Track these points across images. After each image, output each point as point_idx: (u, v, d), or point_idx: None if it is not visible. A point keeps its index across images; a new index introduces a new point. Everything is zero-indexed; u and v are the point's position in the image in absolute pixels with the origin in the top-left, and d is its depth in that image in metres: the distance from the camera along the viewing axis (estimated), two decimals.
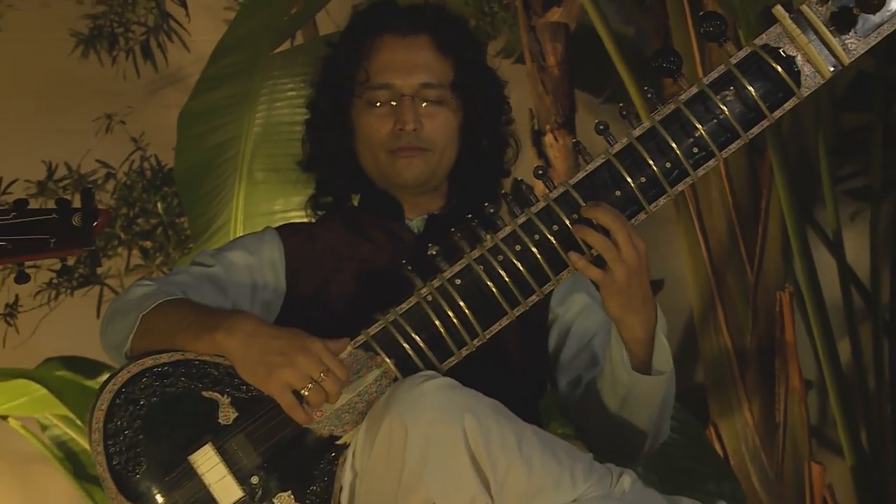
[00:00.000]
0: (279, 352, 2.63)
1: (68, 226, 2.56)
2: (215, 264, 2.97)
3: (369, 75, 2.96)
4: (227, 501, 2.67)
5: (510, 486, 2.54)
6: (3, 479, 5.20)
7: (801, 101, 2.65)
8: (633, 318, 2.66)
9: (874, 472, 4.51)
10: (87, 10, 5.03)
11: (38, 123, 5.14)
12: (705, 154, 2.72)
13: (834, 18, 2.62)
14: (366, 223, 3.04)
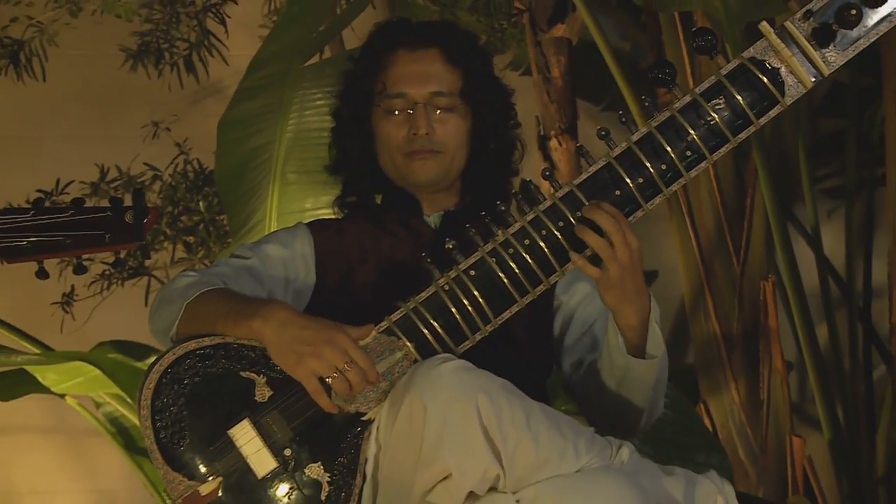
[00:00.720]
0: (308, 342, 2.65)
1: (121, 222, 2.56)
2: (252, 257, 2.99)
3: (386, 86, 2.98)
4: (262, 472, 2.68)
5: (519, 458, 2.54)
6: (61, 451, 5.20)
7: (784, 108, 2.65)
8: (627, 308, 2.68)
9: (849, 445, 4.49)
10: (135, 28, 5.03)
11: (91, 130, 5.14)
12: (697, 157, 2.73)
13: (815, 34, 2.63)
14: (387, 219, 3.05)
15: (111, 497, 5.13)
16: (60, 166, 4.46)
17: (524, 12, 4.64)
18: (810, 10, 2.62)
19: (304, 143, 4.24)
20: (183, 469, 2.70)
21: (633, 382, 2.79)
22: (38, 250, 2.55)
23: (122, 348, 4.50)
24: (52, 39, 4.93)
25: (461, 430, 2.52)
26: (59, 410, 4.94)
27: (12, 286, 4.75)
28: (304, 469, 2.69)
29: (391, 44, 3.04)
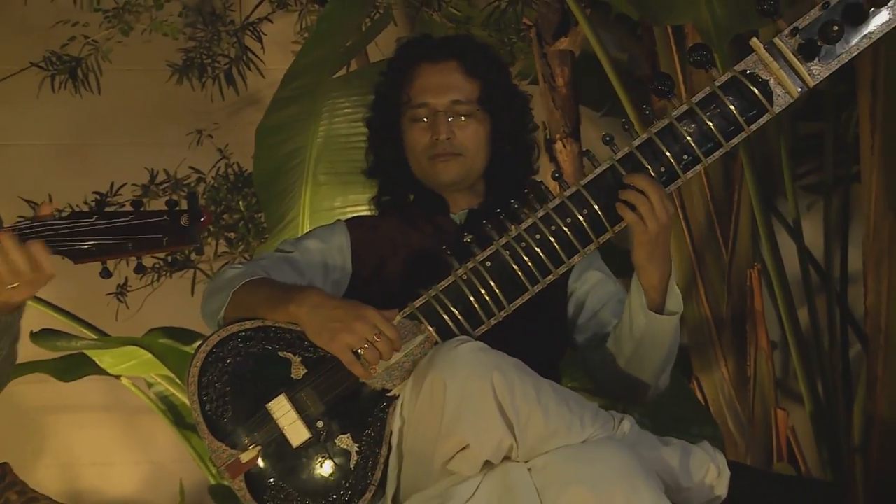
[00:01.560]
0: (339, 319, 2.66)
1: (177, 226, 2.54)
2: (294, 250, 3.03)
3: (411, 97, 3.00)
4: (297, 441, 2.71)
5: (531, 430, 2.55)
6: (118, 427, 5.21)
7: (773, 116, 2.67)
8: (652, 267, 2.71)
9: (829, 416, 4.48)
10: (181, 45, 5.04)
11: (142, 138, 5.15)
12: (693, 160, 2.77)
13: (801, 49, 2.65)
14: (417, 217, 3.08)
15: (162, 468, 5.13)
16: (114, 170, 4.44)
17: (531, 27, 4.63)
18: (797, 28, 2.64)
19: (333, 147, 4.24)
20: (226, 439, 2.73)
21: (650, 343, 2.81)
22: (101, 252, 2.54)
23: (171, 334, 4.50)
24: (106, 56, 4.93)
25: (478, 405, 2.53)
26: (115, 390, 4.95)
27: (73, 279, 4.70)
28: (334, 440, 2.72)
29: (415, 58, 3.06)
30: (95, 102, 4.98)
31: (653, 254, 2.71)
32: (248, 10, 5.14)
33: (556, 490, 2.50)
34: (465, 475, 2.58)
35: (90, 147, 5.13)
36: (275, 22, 5.12)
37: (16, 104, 5.03)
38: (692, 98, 2.70)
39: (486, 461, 2.56)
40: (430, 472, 2.63)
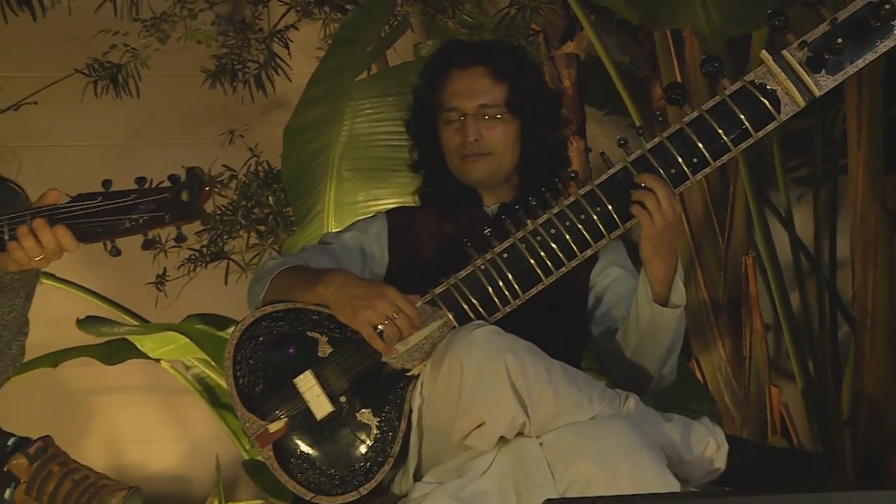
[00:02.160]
0: (361, 297, 2.69)
1: (179, 202, 2.49)
2: (333, 242, 3.05)
3: (443, 102, 3.00)
4: (321, 414, 2.73)
5: (542, 408, 2.56)
6: (157, 407, 5.22)
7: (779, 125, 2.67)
8: (658, 261, 2.70)
9: (819, 393, 4.48)
10: (213, 52, 5.04)
11: (178, 138, 5.14)
12: (702, 163, 2.78)
13: (809, 61, 2.64)
14: (453, 209, 3.08)
15: (199, 444, 5.13)
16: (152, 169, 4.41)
17: (539, 33, 4.62)
18: (805, 41, 2.62)
19: (355, 145, 4.23)
20: (256, 410, 2.76)
21: (654, 334, 2.81)
22: (107, 233, 2.51)
23: (207, 320, 4.50)
24: (145, 63, 4.93)
25: (492, 385, 2.53)
26: (155, 373, 4.95)
27: (115, 270, 4.76)
28: (356, 414, 2.74)
29: (446, 64, 3.06)
30: (135, 106, 4.99)
31: (658, 248, 2.71)
32: (275, 18, 5.13)
33: (565, 463, 2.50)
34: (481, 450, 2.59)
35: (130, 147, 5.13)
36: (300, 29, 5.10)
37: (62, 108, 5.03)
38: (703, 105, 2.69)
39: (500, 437, 2.56)
40: (449, 447, 2.64)
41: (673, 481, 2.51)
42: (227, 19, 5.17)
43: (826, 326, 4.72)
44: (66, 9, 4.73)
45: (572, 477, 2.48)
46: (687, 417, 2.71)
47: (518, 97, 2.99)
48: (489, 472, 2.56)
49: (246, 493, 4.95)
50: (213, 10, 5.11)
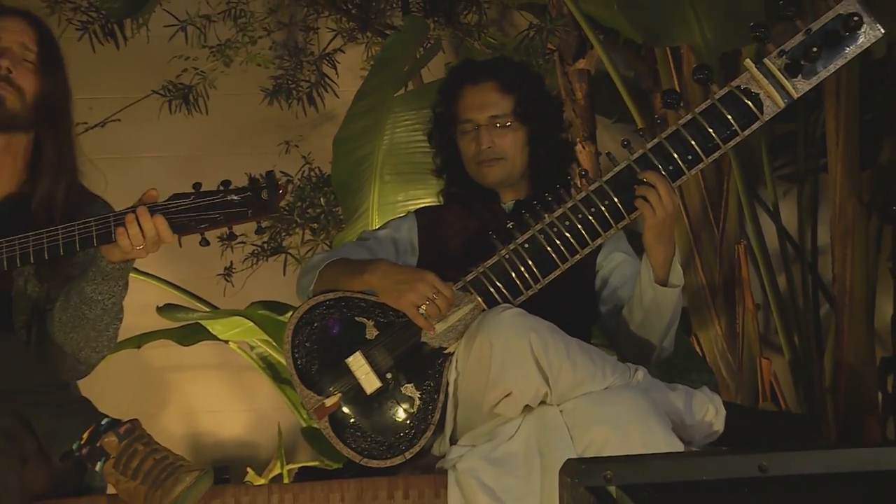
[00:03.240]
0: (405, 282, 2.70)
1: (259, 199, 2.55)
2: (370, 238, 3.06)
3: (458, 114, 3.00)
4: (370, 389, 2.74)
5: (562, 380, 2.57)
6: (227, 382, 5.24)
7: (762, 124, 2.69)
8: (659, 248, 2.71)
9: (804, 364, 4.46)
10: (271, 73, 5.06)
11: (241, 149, 5.16)
12: (696, 160, 2.80)
13: (787, 67, 2.65)
14: (475, 206, 3.07)
15: (263, 414, 5.14)
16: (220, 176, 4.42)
17: (554, 51, 4.61)
18: (784, 50, 2.63)
19: (395, 152, 4.23)
20: (314, 387, 2.77)
21: (656, 311, 2.81)
22: (198, 225, 2.55)
23: (268, 306, 4.51)
24: (212, 84, 4.95)
25: (518, 360, 2.53)
26: (224, 352, 4.96)
27: (189, 263, 4.78)
28: (401, 388, 2.75)
29: (459, 81, 3.06)
30: (204, 121, 5.01)
31: (660, 237, 2.72)
32: (324, 43, 5.14)
33: (583, 428, 2.50)
34: (509, 417, 2.60)
35: (199, 157, 5.14)
36: (346, 52, 5.11)
37: (141, 124, 5.04)
38: (696, 109, 2.69)
39: (525, 405, 2.57)
40: (480, 414, 2.64)
41: (678, 443, 2.51)
42: (282, 45, 5.18)
43: (809, 305, 4.69)
44: (144, 38, 4.74)
45: (589, 440, 2.48)
46: (688, 387, 2.70)
47: (524, 107, 3.00)
48: (516, 437, 2.57)
49: (304, 455, 4.95)
50: (271, 37, 5.12)
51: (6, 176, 2.85)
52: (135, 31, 4.76)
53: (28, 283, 2.76)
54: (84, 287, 2.66)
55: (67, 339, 2.71)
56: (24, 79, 2.78)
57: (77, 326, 2.70)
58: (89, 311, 2.67)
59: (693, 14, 3.83)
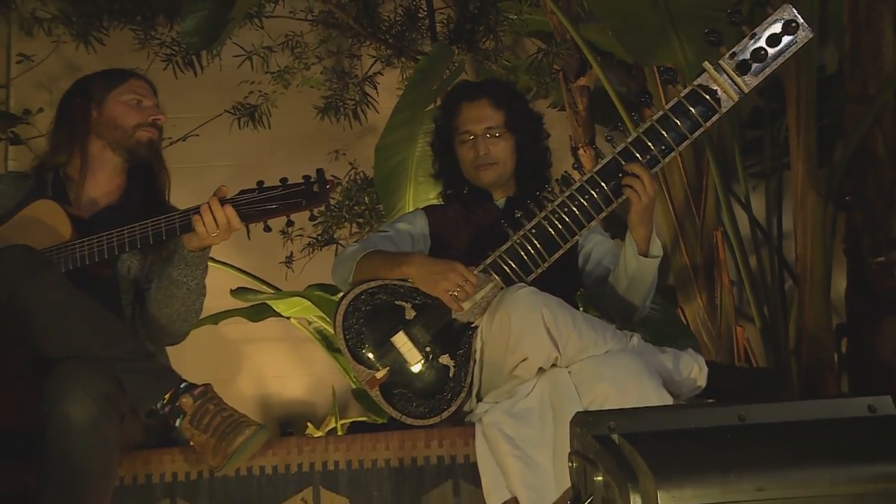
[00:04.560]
0: (438, 272, 2.70)
1: (312, 192, 2.59)
2: (390, 231, 3.06)
3: (458, 127, 3.02)
4: (413, 361, 2.73)
5: (569, 346, 2.57)
6: (289, 352, 5.25)
7: (721, 115, 2.67)
8: (642, 226, 2.72)
9: (772, 331, 4.43)
10: (322, 94, 5.07)
11: (298, 157, 5.17)
12: (669, 149, 2.79)
13: (738, 67, 2.67)
14: (472, 204, 3.08)
15: (319, 378, 5.16)
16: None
17: (559, 71, 4.59)
18: (734, 52, 2.65)
19: (427, 159, 4.18)
20: (364, 363, 2.75)
21: (639, 278, 2.81)
22: (261, 215, 2.59)
23: (322, 288, 4.52)
24: (273, 103, 4.96)
25: (533, 330, 2.53)
26: (287, 327, 4.97)
27: (258, 253, 4.80)
28: (438, 358, 2.75)
29: (458, 99, 3.08)
30: (267, 134, 5.00)
31: (643, 218, 2.72)
32: (366, 67, 5.13)
33: (588, 386, 2.50)
34: (525, 378, 2.60)
35: (263, 165, 5.14)
36: (384, 75, 5.10)
37: (215, 138, 5.06)
38: (666, 105, 2.70)
39: (539, 368, 2.57)
40: (502, 376, 2.65)
41: (668, 397, 2.50)
42: (331, 70, 5.18)
43: (776, 281, 4.67)
44: (217, 67, 4.75)
45: (593, 396, 2.48)
46: (676, 349, 2.70)
47: (513, 120, 3.04)
48: (532, 394, 2.57)
49: (354, 412, 4.96)
50: (322, 64, 5.13)
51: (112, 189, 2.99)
52: (209, 61, 4.77)
53: (130, 269, 2.86)
54: (171, 272, 2.75)
55: (162, 313, 2.80)
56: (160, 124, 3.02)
57: (168, 303, 2.78)
58: (177, 291, 2.76)
59: (675, 38, 3.81)
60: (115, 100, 2.95)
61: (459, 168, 3.08)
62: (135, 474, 2.62)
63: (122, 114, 2.94)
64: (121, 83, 2.98)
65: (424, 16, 5.02)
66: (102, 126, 2.94)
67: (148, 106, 2.99)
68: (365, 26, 4.98)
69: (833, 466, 1.83)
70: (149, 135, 2.96)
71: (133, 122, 2.94)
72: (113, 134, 2.94)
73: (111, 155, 2.96)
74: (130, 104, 2.96)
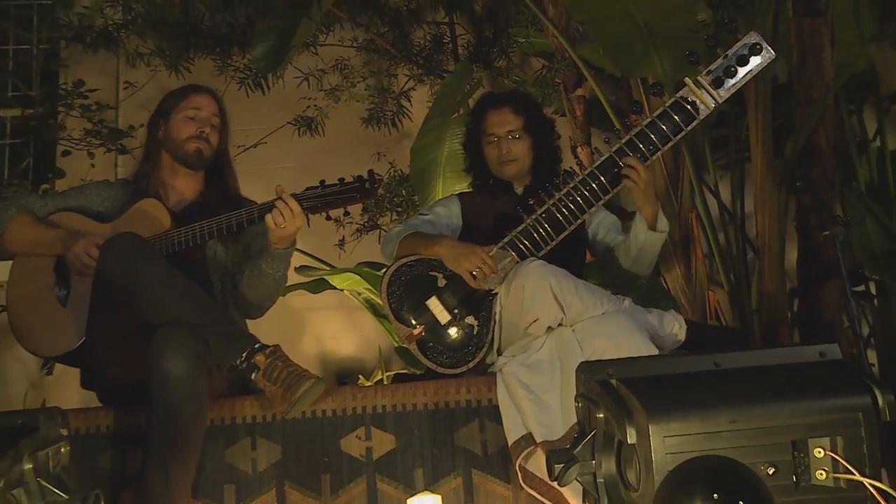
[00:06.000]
0: (462, 254, 2.68)
1: (363, 188, 2.60)
2: (429, 214, 3.05)
3: (485, 131, 3.00)
4: (443, 321, 2.73)
5: (572, 308, 2.58)
6: (343, 318, 5.26)
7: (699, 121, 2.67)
8: (647, 205, 2.71)
9: (737, 294, 4.41)
10: (366, 107, 5.10)
11: (347, 158, 5.16)
12: (655, 148, 2.75)
13: (713, 82, 2.67)
14: (496, 192, 3.05)
15: (368, 339, 5.18)
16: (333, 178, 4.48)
17: (560, 84, 4.57)
18: (710, 70, 2.65)
19: (452, 157, 4.23)
20: (404, 322, 2.75)
21: (646, 250, 2.79)
22: (323, 206, 2.60)
23: (369, 266, 4.52)
24: (326, 115, 4.96)
25: (542, 296, 2.53)
26: (341, 297, 4.99)
27: (317, 238, 4.80)
28: (464, 319, 2.74)
29: (485, 107, 3.06)
30: (321, 141, 5.01)
31: (646, 197, 2.71)
32: (402, 84, 5.13)
33: (588, 341, 2.50)
34: (537, 335, 2.60)
35: (319, 166, 5.15)
36: (416, 90, 5.10)
37: (280, 145, 5.08)
38: (654, 113, 2.69)
39: (548, 327, 2.56)
40: (517, 333, 2.64)
41: (654, 349, 2.50)
42: (373, 87, 5.17)
43: (740, 254, 4.64)
44: (281, 86, 4.78)
45: (593, 349, 2.47)
46: (660, 310, 2.69)
47: (530, 124, 3.02)
48: (543, 348, 2.57)
49: (396, 366, 4.98)
50: (365, 82, 5.12)
51: (192, 189, 2.97)
52: (274, 82, 4.78)
53: (216, 253, 2.87)
54: (261, 264, 2.76)
55: (251, 296, 2.83)
56: (212, 136, 2.93)
57: (256, 289, 2.80)
58: (265, 280, 2.77)
59: (655, 55, 3.79)
60: (175, 117, 2.90)
61: (486, 163, 3.08)
62: (222, 417, 2.64)
63: (178, 129, 2.88)
64: (182, 100, 2.91)
65: (448, 41, 5.02)
66: (167, 140, 2.90)
67: (203, 116, 2.90)
68: (400, 51, 4.98)
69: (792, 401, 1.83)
70: (196, 145, 2.87)
71: (184, 136, 2.87)
72: (173, 145, 2.89)
73: (176, 164, 2.91)
74: (186, 119, 2.89)
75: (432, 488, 2.56)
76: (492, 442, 2.60)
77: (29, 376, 4.96)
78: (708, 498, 1.50)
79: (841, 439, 1.79)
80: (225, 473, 2.59)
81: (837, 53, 4.03)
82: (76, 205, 2.89)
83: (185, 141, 2.87)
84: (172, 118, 2.90)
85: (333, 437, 2.62)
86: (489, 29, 4.99)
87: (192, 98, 2.91)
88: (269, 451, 2.60)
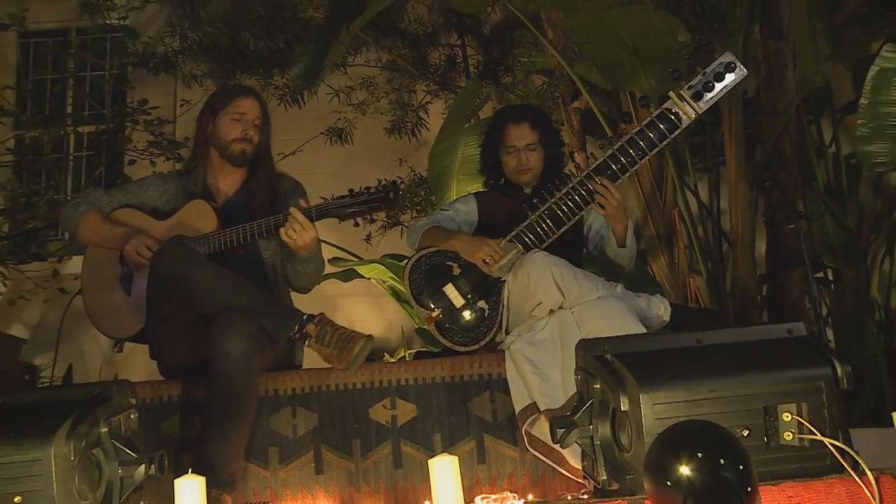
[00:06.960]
0: (475, 245, 2.66)
1: (388, 197, 2.59)
2: (450, 210, 3.03)
3: (505, 141, 2.95)
4: (458, 304, 2.71)
5: (572, 293, 2.57)
6: (370, 303, 5.25)
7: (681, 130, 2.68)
8: (617, 223, 2.68)
9: (714, 280, 4.38)
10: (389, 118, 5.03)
11: (373, 164, 5.14)
12: (643, 153, 2.72)
13: (693, 95, 2.67)
14: (507, 192, 3.02)
15: (392, 321, 5.17)
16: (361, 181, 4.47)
17: (559, 97, 4.57)
18: (691, 85, 2.64)
19: (465, 162, 4.23)
20: (423, 306, 2.75)
21: (620, 256, 2.79)
22: (351, 215, 2.58)
23: (393, 257, 4.52)
24: (354, 126, 4.97)
25: (545, 283, 2.53)
26: (368, 285, 4.98)
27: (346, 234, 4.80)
28: (477, 303, 2.73)
29: (505, 120, 3.02)
30: (350, 148, 5.02)
31: (616, 217, 2.71)
32: (420, 98, 5.11)
33: (585, 322, 2.50)
34: (540, 317, 2.59)
35: (349, 171, 5.16)
36: (433, 104, 5.09)
37: (314, 152, 5.08)
38: (642, 123, 2.68)
39: (550, 310, 2.56)
40: (523, 315, 2.64)
41: (643, 328, 2.50)
42: (395, 101, 5.16)
43: (716, 245, 4.62)
44: (315, 101, 4.79)
45: (589, 329, 2.47)
46: (648, 295, 2.68)
47: (544, 137, 3.00)
48: (545, 328, 2.57)
49: (417, 344, 4.97)
50: (388, 97, 5.11)
51: (235, 182, 2.95)
52: (309, 98, 4.80)
53: (268, 248, 2.89)
54: (296, 265, 2.78)
55: (297, 284, 2.86)
56: (255, 136, 2.89)
57: (300, 279, 2.83)
58: (303, 272, 2.80)
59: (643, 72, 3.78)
60: (223, 117, 2.85)
61: (500, 166, 3.06)
62: (266, 389, 2.66)
63: (225, 129, 2.85)
64: (229, 102, 2.87)
65: (461, 61, 5.01)
66: (215, 138, 2.87)
67: (248, 119, 2.82)
68: (418, 69, 4.98)
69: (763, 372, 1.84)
70: (241, 146, 2.84)
71: (231, 137, 2.84)
72: (220, 144, 2.86)
73: (223, 160, 2.88)
74: (233, 120, 2.85)
75: (450, 450, 2.57)
76: (501, 410, 2.61)
77: (103, 353, 5.03)
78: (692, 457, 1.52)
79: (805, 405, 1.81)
80: (270, 438, 2.62)
81: (798, 71, 4.06)
82: (136, 201, 2.90)
83: (231, 142, 2.84)
84: (220, 117, 2.86)
85: (363, 407, 2.64)
86: (496, 50, 4.99)
87: (239, 102, 2.87)
88: (308, 419, 2.63)
